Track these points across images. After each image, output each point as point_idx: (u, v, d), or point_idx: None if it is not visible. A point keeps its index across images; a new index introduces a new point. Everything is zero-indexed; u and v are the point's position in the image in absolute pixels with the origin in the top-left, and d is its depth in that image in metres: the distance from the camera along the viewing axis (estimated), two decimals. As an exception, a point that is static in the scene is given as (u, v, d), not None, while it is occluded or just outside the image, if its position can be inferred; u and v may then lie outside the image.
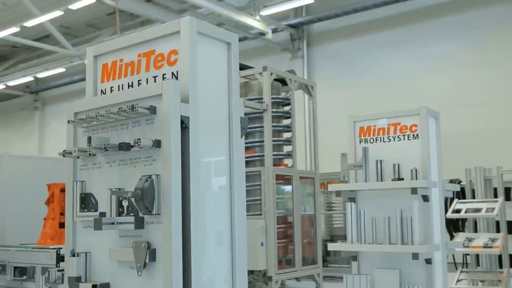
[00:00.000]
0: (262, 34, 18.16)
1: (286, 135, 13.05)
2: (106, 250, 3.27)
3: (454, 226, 8.78)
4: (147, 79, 3.42)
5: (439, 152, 6.09)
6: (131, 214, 3.12)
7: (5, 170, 10.37)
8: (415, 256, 5.39)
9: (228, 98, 3.46)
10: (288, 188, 12.72)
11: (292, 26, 18.83)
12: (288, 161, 13.03)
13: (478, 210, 8.10)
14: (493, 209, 7.97)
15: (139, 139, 3.02)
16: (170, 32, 3.32)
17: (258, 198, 11.92)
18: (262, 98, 12.20)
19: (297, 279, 12.50)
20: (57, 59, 20.74)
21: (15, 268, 8.78)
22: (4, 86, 22.86)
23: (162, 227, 3.03)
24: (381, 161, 5.85)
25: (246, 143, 12.40)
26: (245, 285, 3.40)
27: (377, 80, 16.76)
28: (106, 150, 3.19)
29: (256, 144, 12.38)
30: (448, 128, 14.79)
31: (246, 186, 10.36)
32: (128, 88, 3.49)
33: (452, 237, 8.55)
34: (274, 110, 12.53)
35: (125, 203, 3.10)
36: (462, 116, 15.08)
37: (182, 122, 3.10)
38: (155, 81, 3.36)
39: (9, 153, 10.86)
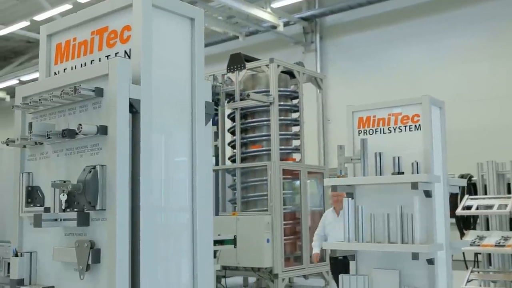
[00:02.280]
0: (274, 27, 17.79)
1: (295, 129, 12.71)
2: (52, 249, 2.92)
3: (464, 223, 8.32)
4: (99, 59, 3.07)
5: (443, 144, 5.66)
6: (76, 209, 2.77)
7: (3, 165, 10.12)
8: (415, 256, 4.98)
9: (191, 80, 3.09)
10: (298, 183, 12.39)
11: (304, 19, 18.41)
12: (296, 156, 12.69)
13: (490, 206, 7.65)
14: (506, 205, 7.51)
15: (81, 125, 2.67)
16: (123, 6, 2.96)
17: (264, 193, 11.60)
18: (269, 91, 11.86)
19: (305, 276, 12.15)
20: (69, 53, 20.58)
21: (9, 264, 8.51)
22: (18, 81, 22.74)
23: (106, 224, 2.67)
24: (380, 153, 5.44)
25: (253, 137, 12.15)
26: (209, 291, 3.04)
27: (391, 74, 16.36)
28: (49, 138, 2.84)
29: (263, 138, 12.05)
30: (461, 122, 14.48)
31: (253, 181, 10.11)
32: (82, 70, 3.15)
33: (462, 235, 8.11)
34: (282, 103, 12.18)
35: (63, 197, 2.74)
36: (475, 110, 14.73)
37: (132, 106, 2.75)
38: (108, 61, 3.00)
39: (6, 147, 10.60)
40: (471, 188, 8.39)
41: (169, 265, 2.91)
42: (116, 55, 2.96)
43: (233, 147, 12.42)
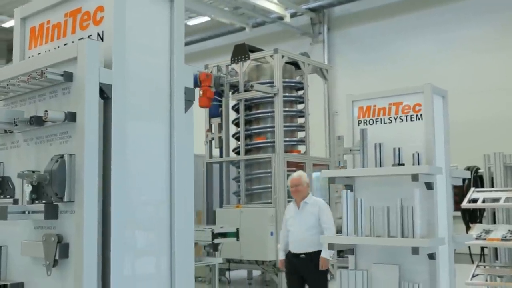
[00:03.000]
0: (281, 18, 17.58)
1: (301, 120, 12.53)
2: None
3: (470, 216, 8.11)
4: (72, 42, 2.89)
5: (446, 135, 5.45)
6: (44, 201, 2.60)
7: None
8: (414, 250, 4.78)
9: (169, 64, 2.91)
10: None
11: (312, 9, 18.18)
12: (302, 148, 12.53)
13: (496, 199, 7.43)
14: (514, 198, 7.30)
15: (47, 111, 2.50)
16: (96, -15, 2.79)
17: (268, 186, 11.44)
18: (273, 82, 11.69)
19: (310, 270, 11.95)
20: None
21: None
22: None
23: (75, 217, 2.51)
24: (380, 144, 5.24)
25: (257, 128, 11.98)
26: None
27: (399, 65, 16.15)
28: (16, 125, 2.68)
29: (268, 130, 11.89)
30: (469, 113, 14.27)
31: (257, 174, 9.87)
32: (55, 54, 2.97)
33: (468, 228, 7.90)
34: (286, 94, 12.01)
35: (27, 188, 2.58)
36: (483, 101, 14.55)
37: (103, 91, 2.58)
38: (80, 45, 2.82)
39: None
40: (478, 181, 8.17)
41: (142, 261, 2.74)
42: (89, 38, 2.79)
43: (237, 139, 12.27)
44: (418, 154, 5.06)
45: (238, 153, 12.20)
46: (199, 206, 12.59)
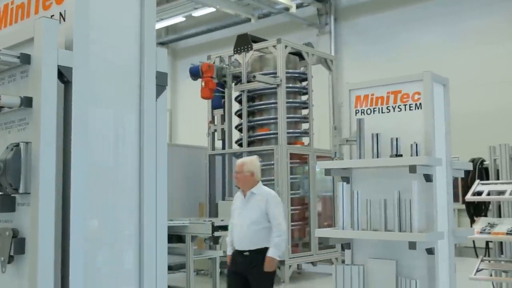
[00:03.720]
0: (287, 9, 17.35)
1: (305, 112, 12.35)
2: (-19, 238, 2.59)
3: (475, 210, 7.87)
4: (36, 23, 2.71)
5: (447, 125, 5.23)
6: (0, 193, 2.43)
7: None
8: (412, 245, 4.58)
9: (139, 46, 2.71)
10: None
11: (318, 0, 17.90)
12: (306, 140, 12.34)
13: (502, 192, 7.18)
14: (519, 191, 7.04)
15: None
16: (58, -39, 2.60)
17: (271, 178, 11.25)
18: (276, 73, 11.49)
19: (313, 263, 11.82)
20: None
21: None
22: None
23: (30, 209, 2.33)
24: (377, 134, 5.04)
25: (260, 120, 11.79)
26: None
27: (406, 56, 15.90)
28: (-28, 112, 2.51)
29: (271, 121, 11.70)
30: (474, 105, 14.02)
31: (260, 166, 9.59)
32: (20, 36, 2.79)
33: (473, 222, 7.66)
34: (290, 85, 11.83)
35: (-22, 179, 2.41)
36: (490, 92, 14.31)
37: (62, 74, 2.39)
38: (44, 25, 2.64)
39: None
40: (483, 173, 7.93)
41: (106, 256, 2.56)
42: (51, 18, 2.60)
43: (240, 130, 12.10)
44: (416, 144, 4.86)
45: (241, 145, 12.03)
46: (202, 198, 12.45)
